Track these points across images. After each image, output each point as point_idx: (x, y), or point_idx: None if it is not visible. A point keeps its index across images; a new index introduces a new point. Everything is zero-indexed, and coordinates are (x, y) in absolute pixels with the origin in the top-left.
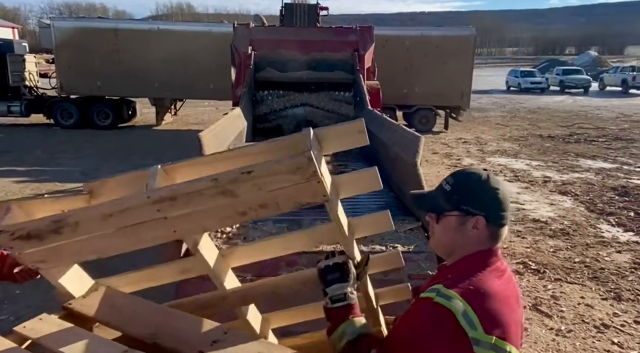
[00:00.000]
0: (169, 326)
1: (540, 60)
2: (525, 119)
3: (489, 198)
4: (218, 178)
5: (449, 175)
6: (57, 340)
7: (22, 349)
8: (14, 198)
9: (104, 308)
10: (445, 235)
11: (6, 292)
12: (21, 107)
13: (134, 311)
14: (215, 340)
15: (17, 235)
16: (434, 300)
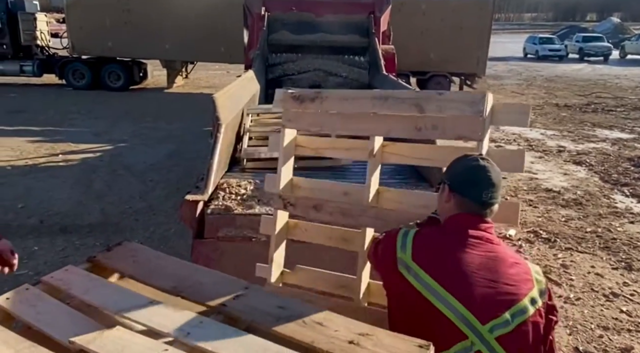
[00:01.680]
0: (192, 280)
1: (559, 27)
2: (541, 87)
3: (455, 169)
4: (418, 94)
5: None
6: (84, 290)
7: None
8: (29, 157)
9: (127, 261)
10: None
11: (25, 249)
12: (33, 66)
13: (157, 265)
14: (237, 294)
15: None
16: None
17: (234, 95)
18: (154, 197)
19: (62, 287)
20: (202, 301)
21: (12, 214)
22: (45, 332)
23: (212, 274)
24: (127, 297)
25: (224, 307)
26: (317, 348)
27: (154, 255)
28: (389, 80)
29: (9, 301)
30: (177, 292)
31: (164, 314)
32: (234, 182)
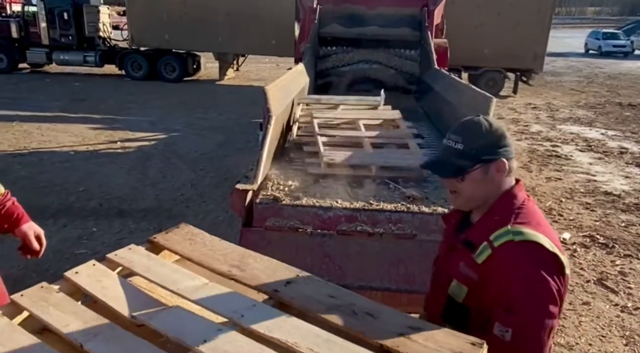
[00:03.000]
0: (246, 265)
1: (625, 21)
2: (603, 84)
3: (501, 140)
4: None
5: (449, 132)
6: (146, 268)
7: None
8: (90, 143)
9: (184, 243)
10: (475, 189)
11: (85, 229)
12: (95, 57)
13: (213, 249)
14: (289, 281)
15: None
16: (515, 241)
17: (285, 88)
18: (204, 185)
19: (125, 265)
20: (255, 285)
21: (74, 196)
22: (110, 305)
23: (265, 260)
24: (184, 277)
25: (276, 292)
26: (367, 339)
27: (209, 239)
28: (440, 75)
29: (77, 275)
30: (231, 275)
31: (218, 296)
32: (282, 174)
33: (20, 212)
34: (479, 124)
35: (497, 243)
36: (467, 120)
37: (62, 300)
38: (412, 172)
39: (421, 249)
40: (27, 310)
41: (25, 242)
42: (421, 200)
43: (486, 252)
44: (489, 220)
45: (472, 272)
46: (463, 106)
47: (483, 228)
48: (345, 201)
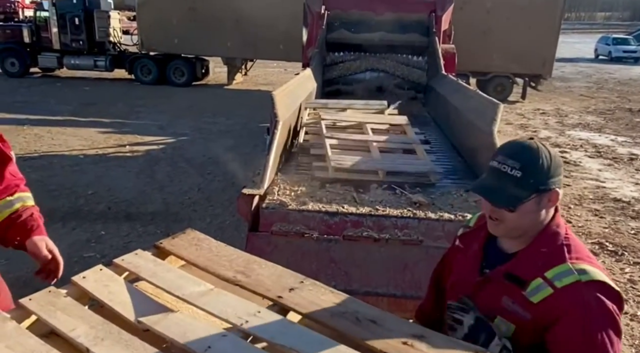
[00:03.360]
0: (251, 271)
1: (635, 27)
2: (613, 90)
3: (559, 170)
4: None
5: (503, 155)
6: (152, 273)
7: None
8: (99, 147)
9: (190, 249)
10: (523, 220)
11: (93, 232)
12: (106, 61)
13: (218, 254)
14: (292, 287)
15: None
16: (582, 281)
17: (292, 93)
18: (211, 189)
19: (132, 270)
20: (260, 292)
21: (83, 199)
22: (116, 310)
23: (270, 266)
24: (190, 283)
25: (280, 298)
26: (371, 347)
27: (215, 244)
28: (447, 81)
29: (85, 280)
30: (237, 281)
31: (223, 301)
32: (288, 178)
33: (36, 224)
34: (538, 152)
35: (560, 283)
36: (523, 144)
37: (69, 305)
38: (420, 177)
39: (427, 255)
40: (35, 314)
41: (35, 254)
42: (427, 206)
43: (544, 291)
44: (535, 252)
45: (522, 310)
46: (470, 112)
47: (530, 262)
48: (351, 206)
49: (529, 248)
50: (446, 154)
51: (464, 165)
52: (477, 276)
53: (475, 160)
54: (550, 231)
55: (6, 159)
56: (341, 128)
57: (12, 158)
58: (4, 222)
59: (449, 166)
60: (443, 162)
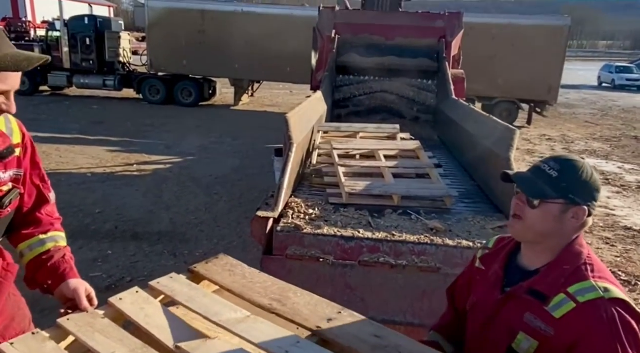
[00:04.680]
0: (286, 299)
1: (638, 56)
2: (618, 117)
3: (596, 191)
4: None
5: (548, 158)
6: (188, 298)
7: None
8: (107, 165)
9: (224, 274)
10: (543, 222)
11: (100, 251)
12: (115, 81)
13: (252, 281)
14: (330, 318)
15: None
16: (605, 298)
17: (305, 115)
18: (218, 209)
19: (167, 293)
20: (297, 321)
21: (91, 218)
22: (153, 334)
23: (305, 295)
24: (226, 309)
25: (318, 329)
26: None
27: (249, 270)
28: (459, 105)
29: (121, 301)
30: (273, 309)
31: (261, 330)
32: (302, 202)
33: (69, 267)
34: (582, 166)
35: (583, 298)
36: (571, 157)
37: (107, 326)
38: (435, 202)
39: (446, 283)
40: (74, 335)
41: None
42: (444, 232)
43: (567, 306)
44: (558, 269)
45: (545, 325)
46: (485, 138)
47: (553, 278)
48: (367, 231)
49: (552, 265)
50: (458, 178)
51: (477, 189)
52: (498, 295)
53: (489, 185)
54: (574, 250)
55: (44, 200)
56: (354, 155)
57: (50, 200)
58: (33, 262)
59: (462, 190)
60: (456, 186)
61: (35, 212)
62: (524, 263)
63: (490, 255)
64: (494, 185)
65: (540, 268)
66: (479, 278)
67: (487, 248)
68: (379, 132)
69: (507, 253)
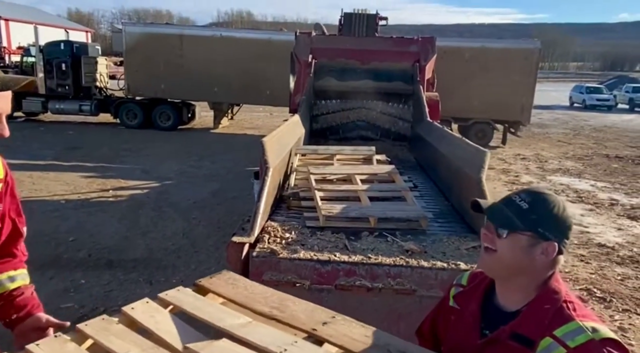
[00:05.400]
0: (285, 307)
1: (607, 76)
2: (589, 137)
3: (567, 228)
4: None
5: (520, 191)
6: (194, 307)
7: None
8: (82, 192)
9: (228, 287)
10: (511, 254)
11: (73, 281)
12: (91, 106)
13: (253, 292)
14: (325, 321)
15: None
16: (596, 340)
17: (282, 139)
18: (196, 234)
19: (175, 303)
20: (295, 325)
21: (64, 247)
22: (163, 338)
23: (302, 303)
24: (230, 316)
25: (314, 331)
26: None
27: (250, 284)
28: (433, 128)
29: (133, 310)
30: (273, 315)
31: (262, 332)
32: (279, 226)
33: (37, 303)
34: (554, 201)
35: (573, 343)
36: (544, 191)
37: (121, 331)
38: (411, 223)
39: (421, 305)
40: (92, 338)
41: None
42: (420, 253)
43: (556, 351)
44: (539, 309)
45: None
46: (458, 159)
47: (536, 320)
48: (343, 254)
49: (533, 305)
50: (433, 198)
51: (451, 209)
52: (477, 338)
53: (462, 205)
54: (552, 288)
55: (18, 235)
56: (330, 181)
57: (23, 235)
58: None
59: (437, 210)
60: (431, 206)
61: (11, 247)
62: (501, 303)
63: (465, 293)
64: (467, 205)
65: (520, 309)
66: (453, 318)
67: (460, 285)
68: (356, 154)
69: (482, 291)
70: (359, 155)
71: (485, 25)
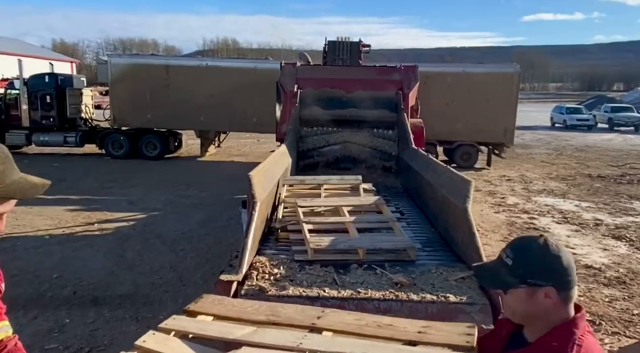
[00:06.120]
0: (278, 313)
1: (586, 96)
2: (572, 156)
3: (554, 268)
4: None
5: (507, 245)
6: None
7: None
8: (66, 226)
9: (217, 307)
10: (517, 306)
11: (57, 320)
12: (76, 137)
13: (242, 307)
14: (319, 316)
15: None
16: None
17: (269, 171)
18: (184, 267)
19: (179, 329)
20: (294, 324)
21: (47, 284)
22: None
23: (292, 306)
24: (235, 329)
25: (313, 325)
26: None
27: (235, 301)
28: (418, 155)
29: (145, 343)
30: (270, 321)
31: (271, 335)
32: (267, 261)
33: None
34: (535, 244)
35: None
36: (525, 237)
37: None
38: (399, 254)
39: None
40: None
41: None
42: (409, 286)
43: None
44: (547, 344)
45: None
46: (442, 187)
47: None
48: (332, 289)
49: (543, 339)
50: (420, 225)
51: (439, 237)
52: None
53: (449, 234)
54: (565, 328)
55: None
56: (318, 213)
57: (1, 290)
58: None
59: (424, 238)
60: (418, 234)
61: None
62: (526, 334)
63: (504, 319)
64: (454, 234)
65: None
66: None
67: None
68: (342, 183)
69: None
70: (345, 184)
71: (466, 48)
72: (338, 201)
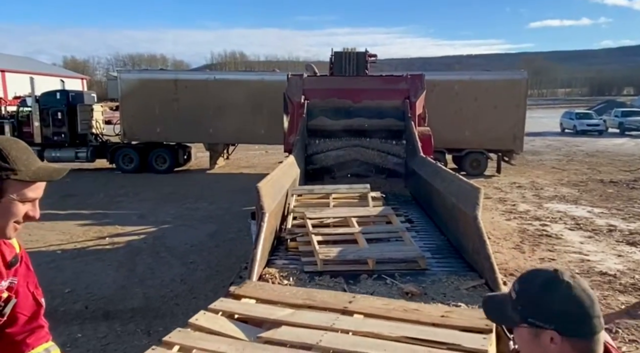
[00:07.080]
0: (314, 297)
1: (595, 101)
2: (583, 162)
3: (555, 309)
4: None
5: (518, 277)
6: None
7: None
8: (78, 240)
9: (259, 292)
10: (522, 346)
11: (69, 335)
12: (87, 152)
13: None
14: (350, 300)
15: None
16: None
17: (277, 182)
18: (194, 279)
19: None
20: (329, 307)
21: (59, 299)
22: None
23: (326, 291)
24: (276, 310)
25: (345, 308)
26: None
27: (275, 287)
28: (426, 163)
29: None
30: (307, 304)
31: (309, 316)
32: (277, 272)
33: None
34: (538, 279)
35: None
36: (535, 270)
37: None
38: (409, 264)
39: None
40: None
41: None
42: (419, 295)
43: None
44: None
45: None
46: (451, 195)
47: None
48: None
49: None
50: (430, 233)
51: (449, 244)
52: None
53: (460, 242)
54: None
55: (40, 306)
56: (327, 224)
57: (43, 305)
58: None
59: (434, 246)
60: (428, 241)
61: (37, 319)
62: None
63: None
64: (465, 242)
65: None
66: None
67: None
68: (351, 192)
69: None
70: (354, 193)
71: (472, 56)
72: (347, 212)
